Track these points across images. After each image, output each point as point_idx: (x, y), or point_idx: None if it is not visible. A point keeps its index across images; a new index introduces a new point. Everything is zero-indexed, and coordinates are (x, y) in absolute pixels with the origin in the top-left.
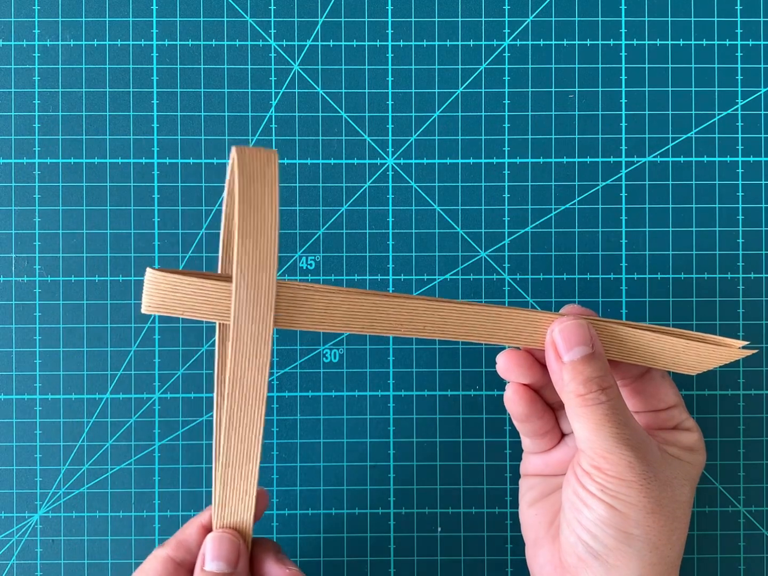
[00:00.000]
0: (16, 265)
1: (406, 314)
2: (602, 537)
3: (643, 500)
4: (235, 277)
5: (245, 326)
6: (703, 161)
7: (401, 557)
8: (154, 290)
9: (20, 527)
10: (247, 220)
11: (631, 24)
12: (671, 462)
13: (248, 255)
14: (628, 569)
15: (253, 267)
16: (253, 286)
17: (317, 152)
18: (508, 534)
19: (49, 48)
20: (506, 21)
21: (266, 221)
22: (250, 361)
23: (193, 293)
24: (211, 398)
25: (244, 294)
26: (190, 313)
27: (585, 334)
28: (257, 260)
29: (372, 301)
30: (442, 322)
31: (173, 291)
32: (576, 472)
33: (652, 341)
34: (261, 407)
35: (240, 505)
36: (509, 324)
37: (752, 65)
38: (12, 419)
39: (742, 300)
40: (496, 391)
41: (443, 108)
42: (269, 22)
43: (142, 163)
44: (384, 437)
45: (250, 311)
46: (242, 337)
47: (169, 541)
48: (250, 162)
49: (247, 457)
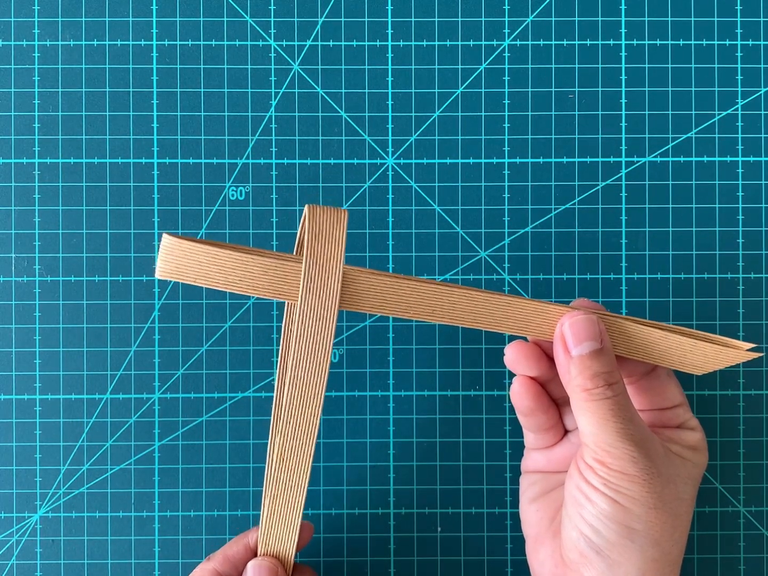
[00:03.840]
0: (16, 265)
1: (416, 297)
2: (604, 531)
3: (646, 495)
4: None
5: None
6: (703, 161)
7: (401, 557)
8: (169, 256)
9: (20, 527)
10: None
11: (631, 24)
12: (674, 460)
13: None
14: (629, 564)
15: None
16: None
17: (317, 152)
18: (508, 534)
19: (49, 48)
20: (506, 21)
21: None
22: (314, 340)
23: (208, 261)
24: (211, 398)
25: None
26: (203, 281)
27: (594, 329)
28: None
29: (381, 281)
30: (451, 307)
31: (187, 258)
32: (579, 467)
33: (660, 339)
34: (314, 425)
35: (284, 534)
36: (519, 314)
37: (752, 65)
38: (12, 419)
39: (742, 300)
40: (496, 391)
41: (443, 108)
42: (269, 22)
43: (142, 163)
44: (384, 437)
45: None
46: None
47: (215, 555)
48: (319, 221)
49: (295, 490)
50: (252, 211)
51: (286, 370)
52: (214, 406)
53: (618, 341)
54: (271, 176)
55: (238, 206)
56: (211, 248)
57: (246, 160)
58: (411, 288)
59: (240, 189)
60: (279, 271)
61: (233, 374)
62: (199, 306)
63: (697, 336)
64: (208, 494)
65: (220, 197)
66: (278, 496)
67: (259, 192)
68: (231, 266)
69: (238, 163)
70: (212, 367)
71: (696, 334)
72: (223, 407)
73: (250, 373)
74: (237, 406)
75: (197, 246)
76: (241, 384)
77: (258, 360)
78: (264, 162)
